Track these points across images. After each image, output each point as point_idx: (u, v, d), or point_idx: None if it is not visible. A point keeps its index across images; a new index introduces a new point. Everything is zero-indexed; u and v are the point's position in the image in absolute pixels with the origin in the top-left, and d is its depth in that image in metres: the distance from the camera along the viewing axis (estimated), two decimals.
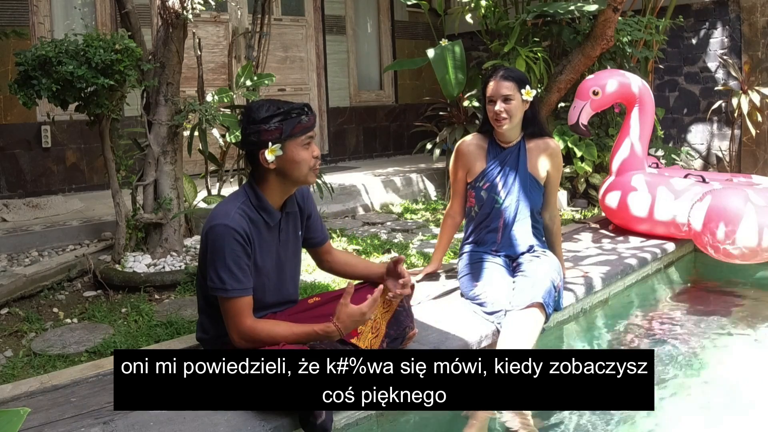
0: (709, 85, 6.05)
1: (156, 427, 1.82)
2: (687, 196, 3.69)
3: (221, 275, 1.90)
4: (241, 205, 1.98)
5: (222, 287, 1.90)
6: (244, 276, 1.92)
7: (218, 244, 1.90)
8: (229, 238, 1.90)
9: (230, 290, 1.90)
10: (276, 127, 1.93)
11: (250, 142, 1.96)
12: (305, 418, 1.83)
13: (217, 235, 1.91)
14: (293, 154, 1.96)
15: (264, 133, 1.93)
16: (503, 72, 2.75)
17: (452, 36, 6.01)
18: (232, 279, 1.90)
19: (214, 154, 3.98)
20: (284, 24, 6.60)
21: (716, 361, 2.74)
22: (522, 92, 2.73)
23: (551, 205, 2.94)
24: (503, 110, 2.72)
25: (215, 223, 1.93)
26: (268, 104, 1.96)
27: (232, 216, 1.93)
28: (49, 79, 2.93)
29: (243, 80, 3.75)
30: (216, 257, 1.91)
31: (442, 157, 5.71)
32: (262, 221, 2.01)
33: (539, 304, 2.48)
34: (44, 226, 4.04)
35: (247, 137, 1.96)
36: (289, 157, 1.96)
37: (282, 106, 1.95)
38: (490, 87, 2.76)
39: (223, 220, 1.92)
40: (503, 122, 2.75)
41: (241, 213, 1.96)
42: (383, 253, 3.95)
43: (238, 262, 1.91)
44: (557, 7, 4.91)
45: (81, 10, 5.37)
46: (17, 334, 2.81)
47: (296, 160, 1.97)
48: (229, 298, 1.90)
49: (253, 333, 1.91)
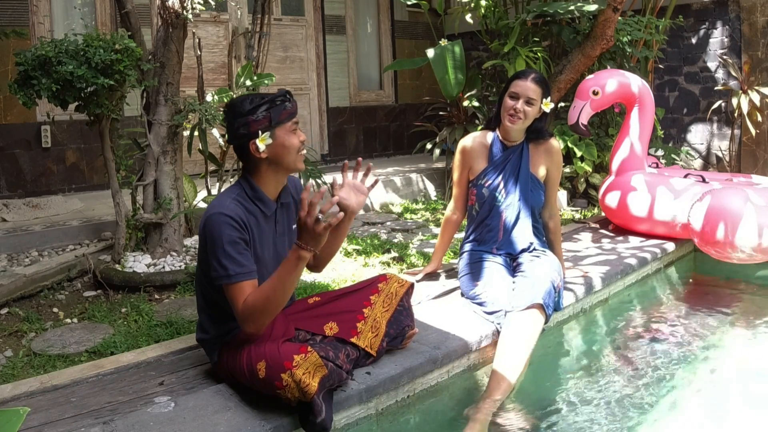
0: (709, 85, 6.04)
1: (156, 427, 1.82)
2: (687, 196, 3.69)
3: (222, 262, 1.89)
4: (236, 197, 2.00)
5: (225, 274, 1.89)
6: (245, 260, 1.92)
7: (215, 232, 1.91)
8: (225, 225, 1.91)
9: (233, 275, 1.89)
10: (264, 116, 1.96)
11: (239, 135, 1.98)
12: (305, 417, 1.83)
13: (213, 224, 1.92)
14: (283, 140, 1.99)
15: (253, 123, 1.96)
16: (535, 75, 2.79)
17: (452, 36, 6.01)
18: (233, 264, 1.89)
19: (214, 154, 3.98)
20: (284, 24, 6.60)
21: (716, 360, 2.74)
22: (543, 101, 2.78)
23: (551, 203, 2.95)
24: (522, 110, 2.75)
25: (210, 214, 1.94)
26: (251, 97, 1.99)
27: (226, 205, 1.95)
28: (49, 79, 2.93)
29: (243, 80, 3.75)
30: (215, 246, 1.90)
31: (442, 157, 5.71)
32: (259, 211, 2.03)
33: (539, 305, 2.48)
34: (44, 226, 4.04)
35: (236, 131, 1.99)
36: (279, 144, 1.99)
37: (264, 96, 1.99)
38: (519, 84, 2.78)
39: (218, 209, 1.94)
40: (517, 121, 2.77)
41: (236, 202, 1.98)
42: (383, 253, 3.95)
43: (236, 246, 1.91)
44: (557, 7, 4.91)
45: (81, 10, 5.37)
46: (17, 334, 2.81)
47: (286, 146, 2.00)
48: (233, 283, 1.89)
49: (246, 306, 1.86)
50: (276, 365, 1.81)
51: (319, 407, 1.80)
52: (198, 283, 2.11)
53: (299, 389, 1.78)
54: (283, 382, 1.79)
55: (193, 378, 2.16)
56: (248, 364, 1.89)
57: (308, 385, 1.77)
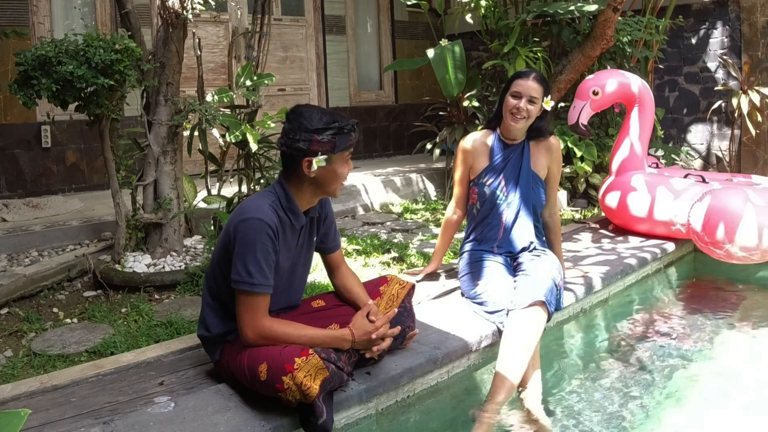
0: (709, 85, 6.04)
1: (156, 427, 1.81)
2: (687, 196, 3.69)
3: (249, 268, 1.89)
4: (272, 204, 1.99)
5: (249, 281, 1.89)
6: (270, 273, 1.93)
7: (250, 237, 1.90)
8: (262, 233, 1.90)
9: (256, 284, 1.89)
10: (329, 140, 1.94)
11: (297, 147, 1.95)
12: (305, 418, 1.83)
13: (250, 227, 1.90)
14: (336, 167, 1.99)
15: (316, 143, 1.93)
16: (536, 75, 2.81)
17: (452, 36, 6.01)
18: (260, 273, 1.89)
19: (214, 154, 3.98)
20: (284, 24, 6.60)
21: (717, 360, 2.74)
22: (544, 99, 2.79)
23: (551, 201, 2.95)
24: (525, 109, 2.76)
25: (248, 216, 1.92)
26: (320, 114, 1.96)
27: (265, 211, 1.94)
28: (49, 79, 2.93)
29: (243, 80, 3.74)
30: (247, 250, 1.90)
31: (442, 157, 5.71)
32: (289, 223, 2.02)
33: (541, 302, 2.47)
34: (44, 226, 4.04)
35: (294, 142, 1.95)
36: (331, 170, 1.99)
37: (336, 119, 1.96)
38: (520, 83, 2.79)
39: (257, 214, 1.92)
40: (520, 120, 2.78)
41: (273, 210, 1.97)
42: (383, 253, 3.95)
43: (267, 257, 1.91)
44: (557, 7, 4.91)
45: (81, 10, 5.37)
46: (17, 334, 2.81)
47: (337, 173, 2.01)
48: (254, 292, 1.89)
49: (271, 331, 1.90)
50: (277, 368, 1.81)
51: (320, 409, 1.80)
52: (208, 279, 2.09)
53: (300, 392, 1.78)
54: (285, 385, 1.79)
55: (193, 378, 2.16)
56: (249, 365, 1.89)
57: (309, 388, 1.77)
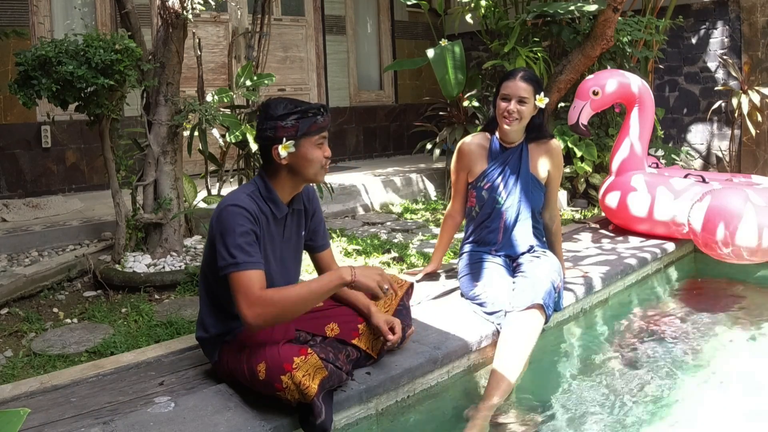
0: (709, 85, 6.04)
1: (156, 427, 1.81)
2: (687, 196, 3.69)
3: (231, 251, 1.89)
4: (251, 193, 2.02)
5: (233, 262, 1.88)
6: (254, 251, 1.92)
7: (228, 223, 1.91)
8: (239, 216, 1.92)
9: (241, 263, 1.88)
10: (292, 125, 1.97)
11: (265, 137, 2.00)
12: (305, 418, 1.83)
13: (227, 214, 1.93)
14: (306, 152, 2.00)
15: (280, 129, 1.97)
16: (524, 73, 2.77)
17: (452, 36, 6.02)
18: (243, 253, 1.89)
19: (214, 154, 3.98)
20: (284, 24, 6.61)
21: (717, 360, 2.73)
22: (536, 97, 2.75)
23: (551, 204, 2.94)
24: (516, 110, 2.73)
25: (224, 205, 1.95)
26: (286, 102, 2.00)
27: (242, 198, 1.97)
28: (49, 79, 2.93)
29: (243, 80, 3.75)
30: (226, 235, 1.91)
31: (442, 157, 5.71)
32: (270, 212, 2.04)
33: (539, 305, 2.48)
34: (44, 226, 4.04)
35: (262, 132, 2.01)
36: (301, 155, 2.00)
37: (299, 105, 2.00)
38: (508, 86, 2.76)
39: (232, 201, 1.96)
40: (513, 122, 2.75)
41: (250, 198, 1.99)
42: (383, 253, 3.95)
43: (247, 237, 1.91)
44: (557, 7, 4.91)
45: (81, 10, 5.37)
46: (17, 334, 2.81)
47: (308, 158, 2.01)
48: (240, 271, 1.88)
49: (268, 299, 1.86)
50: (276, 367, 1.81)
51: (319, 409, 1.80)
52: (203, 279, 2.10)
53: (299, 391, 1.78)
54: (283, 384, 1.79)
55: (193, 378, 2.16)
56: (248, 365, 1.89)
57: (308, 388, 1.77)
